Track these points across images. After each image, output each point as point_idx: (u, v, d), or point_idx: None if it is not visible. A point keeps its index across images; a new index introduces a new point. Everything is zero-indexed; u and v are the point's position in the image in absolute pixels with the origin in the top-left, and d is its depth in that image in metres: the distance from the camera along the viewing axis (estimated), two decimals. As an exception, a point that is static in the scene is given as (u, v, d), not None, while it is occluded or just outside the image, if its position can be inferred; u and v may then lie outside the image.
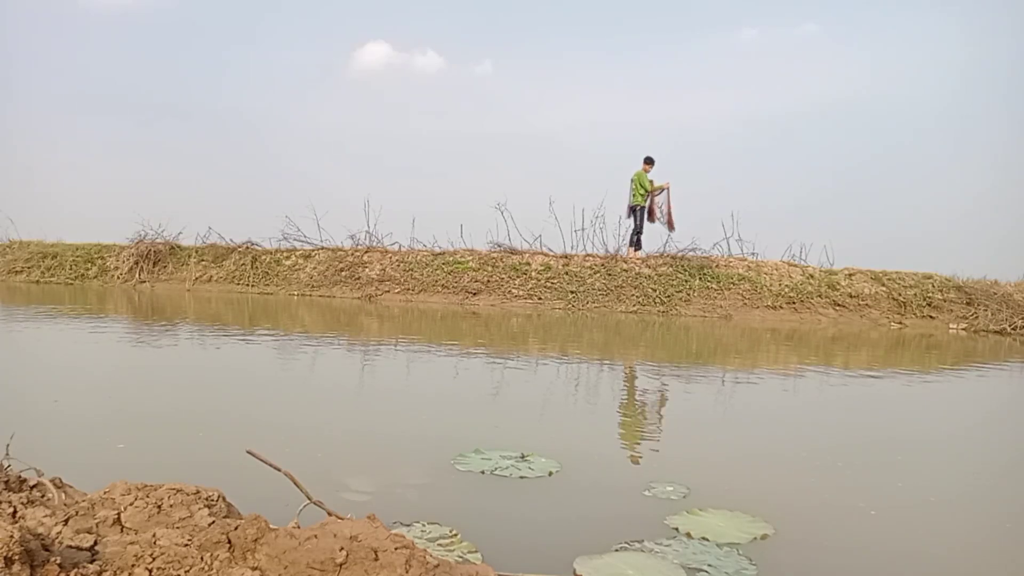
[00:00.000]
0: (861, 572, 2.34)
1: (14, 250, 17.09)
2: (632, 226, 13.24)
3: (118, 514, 1.62)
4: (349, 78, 33.25)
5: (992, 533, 2.80)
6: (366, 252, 14.67)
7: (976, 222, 21.44)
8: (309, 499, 1.81)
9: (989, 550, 2.62)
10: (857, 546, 2.51)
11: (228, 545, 1.46)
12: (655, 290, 12.73)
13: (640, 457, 3.67)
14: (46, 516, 1.54)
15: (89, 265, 16.00)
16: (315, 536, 1.45)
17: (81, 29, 32.74)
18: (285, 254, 15.23)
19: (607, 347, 8.40)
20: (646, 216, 12.95)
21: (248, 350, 7.11)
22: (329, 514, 1.73)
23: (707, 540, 2.43)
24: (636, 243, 13.35)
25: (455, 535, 2.36)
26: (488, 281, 13.31)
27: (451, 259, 14.03)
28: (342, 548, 1.41)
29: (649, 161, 12.66)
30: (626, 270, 13.18)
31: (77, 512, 1.60)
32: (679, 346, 8.64)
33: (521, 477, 3.06)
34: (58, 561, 1.34)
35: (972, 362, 8.30)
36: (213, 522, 1.59)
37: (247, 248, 15.46)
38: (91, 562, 1.42)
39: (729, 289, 12.63)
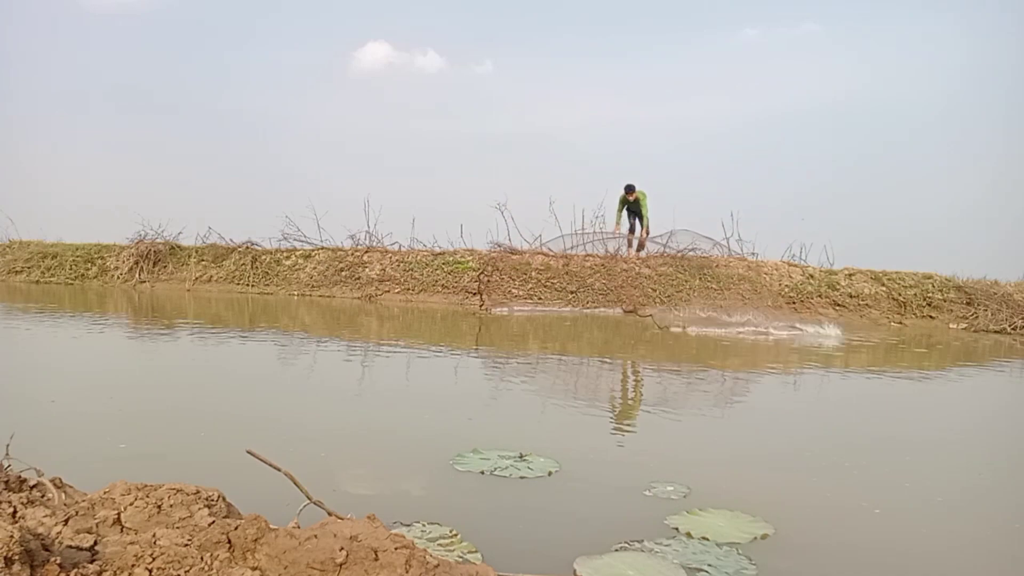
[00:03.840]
0: (862, 572, 2.33)
1: (14, 250, 17.09)
2: (628, 226, 13.36)
3: (118, 514, 1.62)
4: (349, 78, 33.26)
5: (998, 533, 2.79)
6: (366, 252, 14.67)
7: (976, 222, 21.43)
8: (309, 499, 1.81)
9: (994, 550, 2.62)
10: (859, 545, 2.50)
11: (228, 545, 1.46)
12: (655, 290, 12.73)
13: (640, 457, 3.67)
14: (46, 516, 1.54)
15: (89, 265, 15.99)
16: (315, 536, 1.45)
17: (81, 29, 32.76)
18: (285, 254, 15.23)
19: (606, 347, 8.40)
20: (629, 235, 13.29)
21: (248, 350, 7.11)
22: (329, 514, 1.73)
23: (707, 540, 2.43)
24: (638, 246, 13.42)
25: (455, 535, 2.36)
26: (488, 281, 13.31)
27: (451, 259, 14.03)
28: (342, 548, 1.41)
29: (627, 190, 12.82)
30: (626, 270, 13.18)
31: (77, 512, 1.60)
32: (679, 346, 8.64)
33: (521, 477, 3.06)
34: (58, 561, 1.34)
35: (974, 362, 8.30)
36: (213, 522, 1.59)
37: (247, 248, 15.45)
38: (91, 562, 1.42)
39: (729, 289, 12.63)
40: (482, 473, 3.09)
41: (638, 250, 13.45)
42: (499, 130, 33.14)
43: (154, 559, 1.39)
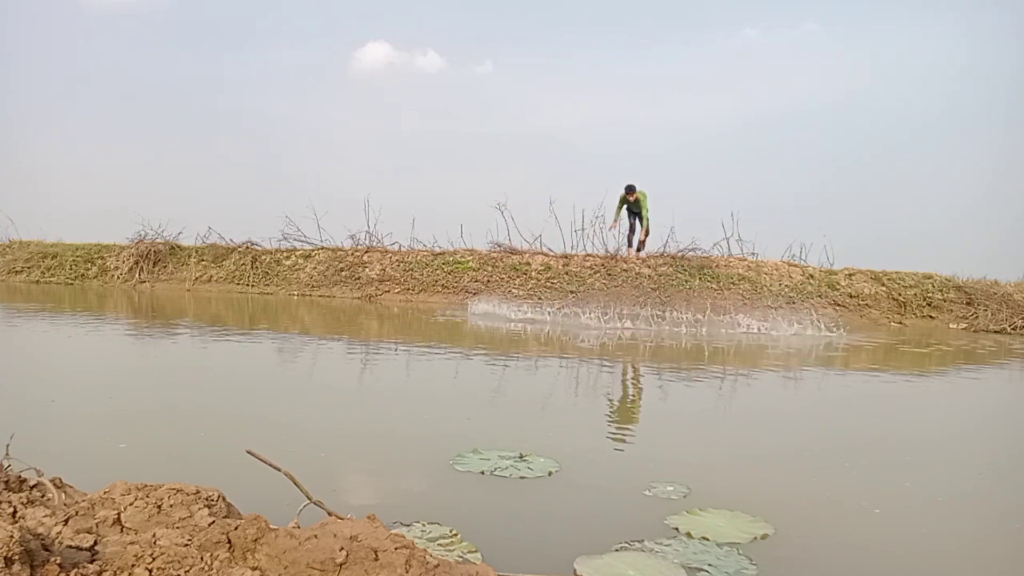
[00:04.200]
0: (862, 572, 2.33)
1: (14, 250, 17.09)
2: (628, 226, 13.39)
3: (118, 514, 1.62)
4: (349, 78, 33.25)
5: (998, 533, 2.79)
6: (366, 252, 14.68)
7: (976, 222, 21.45)
8: (309, 499, 1.81)
9: (994, 550, 2.62)
10: (859, 545, 2.50)
11: (228, 545, 1.46)
12: (655, 290, 12.73)
13: (640, 457, 3.67)
14: (46, 516, 1.54)
15: (89, 265, 16.00)
16: (315, 536, 1.45)
17: (81, 29, 32.74)
18: (285, 254, 15.23)
19: (605, 347, 8.40)
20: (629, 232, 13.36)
21: (248, 350, 7.11)
22: (329, 514, 1.73)
23: (707, 540, 2.43)
24: (638, 246, 13.43)
25: (455, 535, 2.36)
26: (488, 281, 13.32)
27: (451, 259, 14.04)
28: (342, 548, 1.41)
29: (627, 190, 12.77)
30: (626, 270, 13.19)
31: (77, 512, 1.60)
32: (678, 346, 8.64)
33: (521, 477, 3.06)
34: (58, 561, 1.34)
35: (974, 362, 8.30)
36: (213, 522, 1.59)
37: (247, 248, 15.46)
38: (91, 562, 1.42)
39: (729, 289, 12.64)
40: (482, 473, 3.09)
41: (638, 250, 13.46)
42: (499, 130, 33.16)
43: (154, 559, 1.39)
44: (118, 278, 15.32)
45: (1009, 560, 2.53)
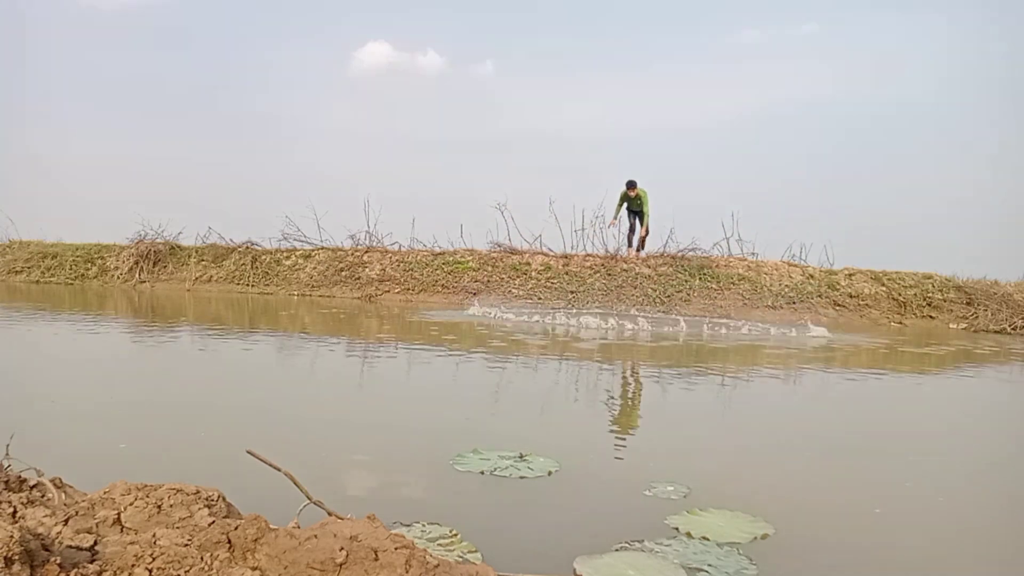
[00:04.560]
0: (863, 572, 2.33)
1: (14, 250, 17.10)
2: (628, 225, 13.42)
3: (118, 514, 1.62)
4: (349, 78, 33.29)
5: (998, 533, 2.79)
6: (366, 252, 14.68)
7: (976, 222, 21.48)
8: (309, 499, 1.81)
9: (995, 550, 2.62)
10: (859, 545, 2.50)
11: (228, 545, 1.46)
12: (655, 290, 12.74)
13: (640, 457, 3.67)
14: (46, 516, 1.54)
15: (89, 265, 16.01)
16: (315, 536, 1.45)
17: (83, 29, 32.77)
18: (285, 254, 15.24)
19: (605, 347, 8.40)
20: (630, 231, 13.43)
21: (248, 350, 7.11)
22: (329, 514, 1.73)
23: (707, 540, 2.43)
24: (639, 244, 13.44)
25: (455, 535, 2.36)
26: (488, 281, 13.33)
27: (451, 259, 14.05)
28: (342, 548, 1.41)
29: (629, 185, 12.79)
30: (626, 270, 13.19)
31: (77, 512, 1.60)
32: (678, 346, 8.64)
33: (521, 477, 3.06)
34: (58, 561, 1.34)
35: (974, 362, 8.30)
36: (213, 522, 1.59)
37: (247, 248, 15.47)
38: (91, 562, 1.42)
39: (729, 289, 12.64)
40: (482, 473, 3.09)
41: (638, 249, 13.46)
42: (499, 130, 33.20)
43: (154, 559, 1.39)
44: (118, 278, 15.33)
45: (1010, 560, 2.53)
